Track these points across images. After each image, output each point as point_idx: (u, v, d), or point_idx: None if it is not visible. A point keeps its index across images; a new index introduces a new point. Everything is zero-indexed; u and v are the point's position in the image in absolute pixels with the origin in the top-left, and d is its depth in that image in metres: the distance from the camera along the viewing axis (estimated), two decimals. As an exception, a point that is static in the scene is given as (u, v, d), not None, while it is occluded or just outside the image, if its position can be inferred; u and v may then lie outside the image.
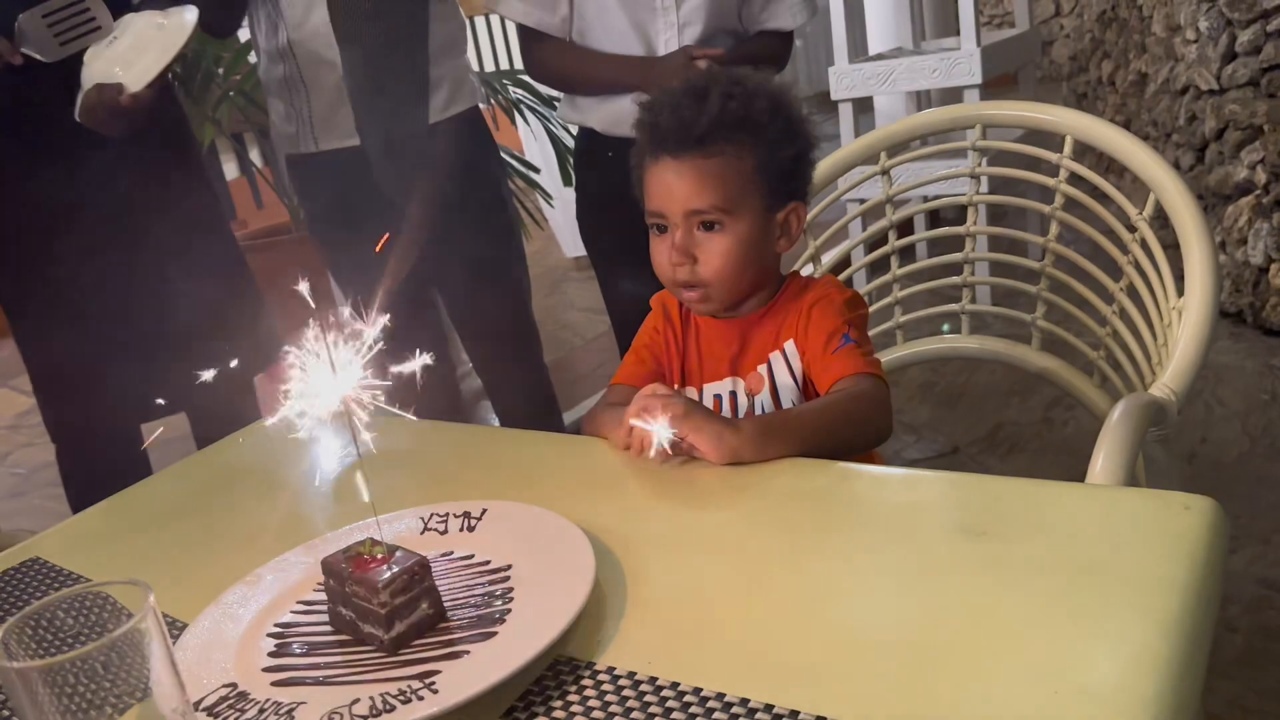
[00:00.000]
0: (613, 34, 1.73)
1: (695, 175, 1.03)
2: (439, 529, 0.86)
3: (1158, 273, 1.25)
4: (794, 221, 1.08)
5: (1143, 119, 3.55)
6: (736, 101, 1.03)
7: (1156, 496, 0.74)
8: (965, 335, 1.49)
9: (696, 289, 1.07)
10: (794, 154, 1.07)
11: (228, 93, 2.73)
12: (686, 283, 1.06)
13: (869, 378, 1.00)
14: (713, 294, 1.07)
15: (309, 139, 1.94)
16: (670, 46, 1.71)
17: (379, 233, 1.90)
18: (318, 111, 1.91)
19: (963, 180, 1.44)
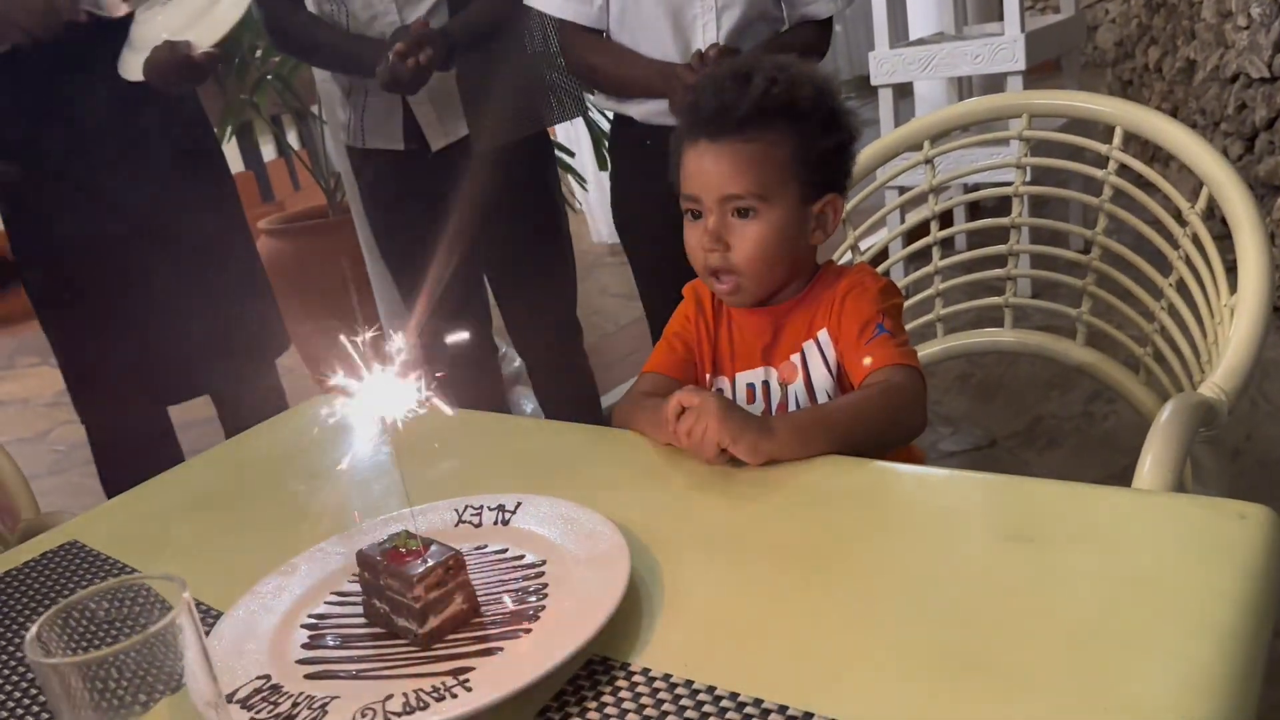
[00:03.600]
0: (648, 22, 1.72)
1: (732, 159, 1.02)
2: (473, 522, 0.85)
3: (1209, 268, 1.21)
4: (830, 214, 1.06)
5: (1190, 107, 3.47)
6: (780, 87, 1.01)
7: (1209, 504, 0.72)
8: (1007, 329, 1.46)
9: (728, 279, 1.05)
10: (834, 145, 1.04)
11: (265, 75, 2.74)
12: (717, 269, 1.05)
13: (904, 369, 0.98)
14: (744, 284, 1.05)
15: (359, 136, 1.97)
16: (708, 34, 1.69)
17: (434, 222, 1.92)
18: (371, 113, 1.94)
19: (1006, 171, 1.40)
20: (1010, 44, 2.95)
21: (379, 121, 1.94)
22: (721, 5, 1.69)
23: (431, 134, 1.93)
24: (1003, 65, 2.99)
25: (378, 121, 1.95)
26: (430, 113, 1.91)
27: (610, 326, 3.65)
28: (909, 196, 1.51)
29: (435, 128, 1.92)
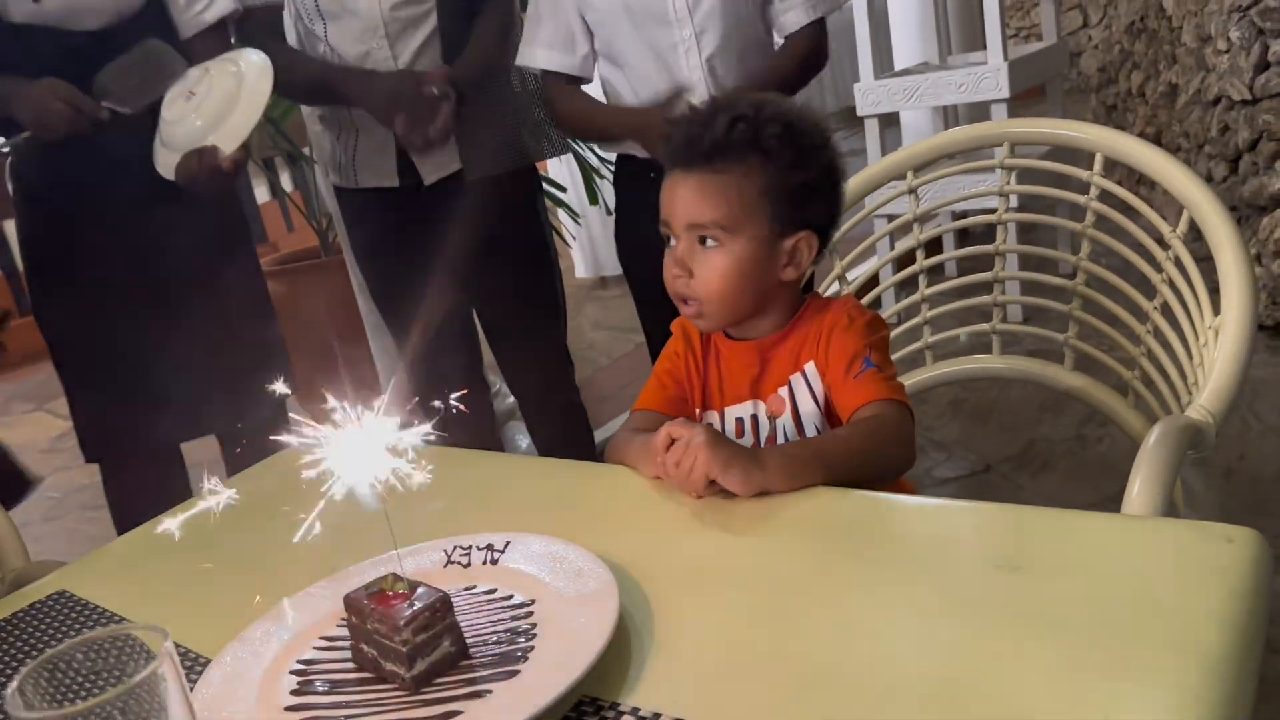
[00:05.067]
0: (633, 59, 1.74)
1: (699, 189, 1.03)
2: (462, 562, 0.85)
3: (1192, 290, 1.22)
4: (804, 250, 1.07)
5: (1174, 130, 3.51)
6: (745, 124, 1.02)
7: (1196, 528, 0.72)
8: (996, 355, 1.47)
9: (692, 304, 1.07)
10: (806, 181, 1.05)
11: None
12: (683, 295, 1.06)
13: (892, 405, 0.98)
14: (706, 310, 1.06)
15: (350, 175, 1.98)
16: (691, 59, 1.71)
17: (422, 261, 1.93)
18: (363, 152, 1.96)
19: (991, 198, 1.41)
20: (994, 73, 2.99)
21: (371, 159, 1.95)
22: (700, 29, 1.71)
23: (424, 168, 1.94)
24: (987, 94, 3.02)
25: (370, 159, 1.96)
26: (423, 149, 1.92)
27: (603, 360, 3.66)
28: (895, 225, 1.52)
29: (428, 161, 1.93)
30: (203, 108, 1.68)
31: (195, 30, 1.85)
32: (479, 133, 1.89)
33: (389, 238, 2.01)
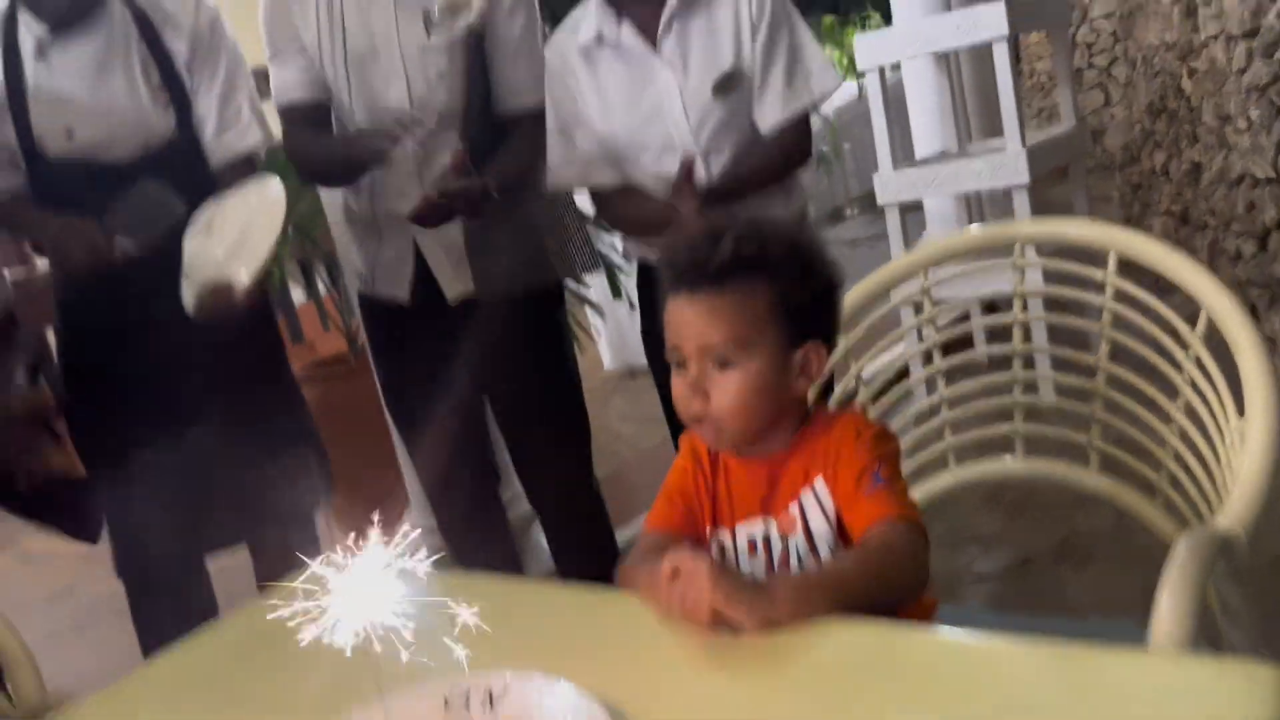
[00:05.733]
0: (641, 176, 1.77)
1: (708, 311, 1.03)
2: (461, 704, 0.83)
3: (1216, 391, 1.19)
4: (814, 361, 1.06)
5: (1200, 208, 3.48)
6: (751, 242, 1.03)
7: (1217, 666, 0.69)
8: (1019, 456, 1.44)
9: (709, 426, 1.05)
10: (812, 293, 1.06)
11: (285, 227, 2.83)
12: (698, 418, 1.05)
13: (903, 525, 0.96)
14: (724, 430, 1.05)
15: (369, 281, 2.00)
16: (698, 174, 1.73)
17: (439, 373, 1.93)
18: (384, 260, 1.97)
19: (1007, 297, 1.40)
20: (1012, 159, 2.99)
21: (389, 269, 1.97)
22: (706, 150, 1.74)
23: (446, 283, 1.94)
24: (1006, 180, 3.03)
25: (388, 269, 1.97)
26: (444, 261, 1.93)
27: (629, 453, 3.63)
28: (909, 328, 1.50)
29: (449, 277, 1.94)
30: (215, 238, 1.72)
31: (226, 159, 1.91)
32: (498, 252, 1.90)
33: (406, 347, 2.02)
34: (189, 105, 1.88)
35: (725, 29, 1.75)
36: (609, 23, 1.75)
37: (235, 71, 1.92)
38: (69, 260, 1.81)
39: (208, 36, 1.89)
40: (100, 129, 1.81)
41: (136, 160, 1.84)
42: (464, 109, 1.83)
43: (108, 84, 1.81)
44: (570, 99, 1.82)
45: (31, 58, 1.79)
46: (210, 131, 1.90)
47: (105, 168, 1.83)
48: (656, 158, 1.79)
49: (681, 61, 1.75)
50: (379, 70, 1.84)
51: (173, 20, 1.87)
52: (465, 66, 1.83)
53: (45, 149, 1.82)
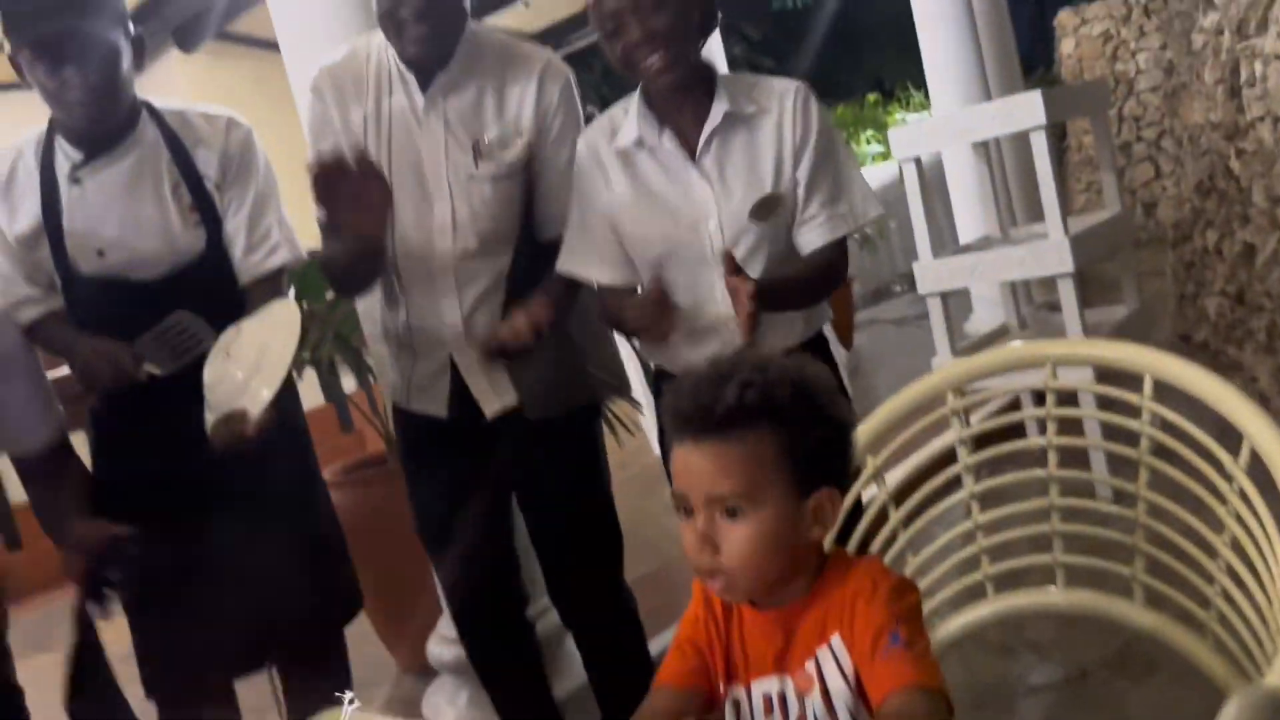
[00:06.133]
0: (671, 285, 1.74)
1: (715, 460, 1.00)
2: None
3: (1262, 527, 1.12)
4: (828, 508, 1.02)
5: (1255, 290, 3.38)
6: (755, 390, 1.00)
7: None
8: (1060, 587, 1.37)
9: (719, 578, 1.01)
10: (822, 438, 1.02)
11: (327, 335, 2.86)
12: (709, 570, 1.01)
13: (922, 694, 0.91)
14: (736, 584, 1.01)
15: (404, 396, 2.00)
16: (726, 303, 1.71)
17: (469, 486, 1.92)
18: (419, 377, 1.96)
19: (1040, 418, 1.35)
20: (1055, 248, 2.94)
21: (425, 386, 1.97)
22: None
23: (483, 400, 1.93)
24: (1050, 269, 2.97)
25: (424, 386, 1.97)
26: (481, 379, 1.92)
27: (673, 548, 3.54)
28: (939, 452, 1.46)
29: (487, 394, 1.92)
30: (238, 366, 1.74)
31: (254, 277, 1.93)
32: (543, 371, 1.88)
33: (437, 460, 2.01)
34: (219, 223, 1.91)
35: (767, 151, 1.73)
36: (650, 130, 1.74)
37: (266, 191, 1.95)
38: (96, 381, 1.84)
39: (239, 156, 1.92)
40: (131, 249, 1.85)
41: (166, 278, 1.87)
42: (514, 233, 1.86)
43: (139, 205, 1.85)
44: (597, 196, 1.80)
45: (66, 182, 1.84)
46: (239, 250, 1.92)
47: (135, 285, 1.86)
48: (688, 268, 1.77)
49: (720, 177, 1.73)
50: (424, 195, 1.86)
51: (204, 141, 1.90)
52: (511, 194, 1.86)
53: (78, 269, 1.86)
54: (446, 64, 1.80)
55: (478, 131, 1.83)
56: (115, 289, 1.86)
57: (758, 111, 1.73)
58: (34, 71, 1.75)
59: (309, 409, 3.72)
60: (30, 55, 1.73)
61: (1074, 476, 1.38)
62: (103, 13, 1.76)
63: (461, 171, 1.83)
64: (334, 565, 2.07)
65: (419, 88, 1.82)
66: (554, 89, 1.86)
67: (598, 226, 1.81)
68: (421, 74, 1.81)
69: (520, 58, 1.88)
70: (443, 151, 1.83)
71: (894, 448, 1.45)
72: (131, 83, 1.85)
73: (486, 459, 1.93)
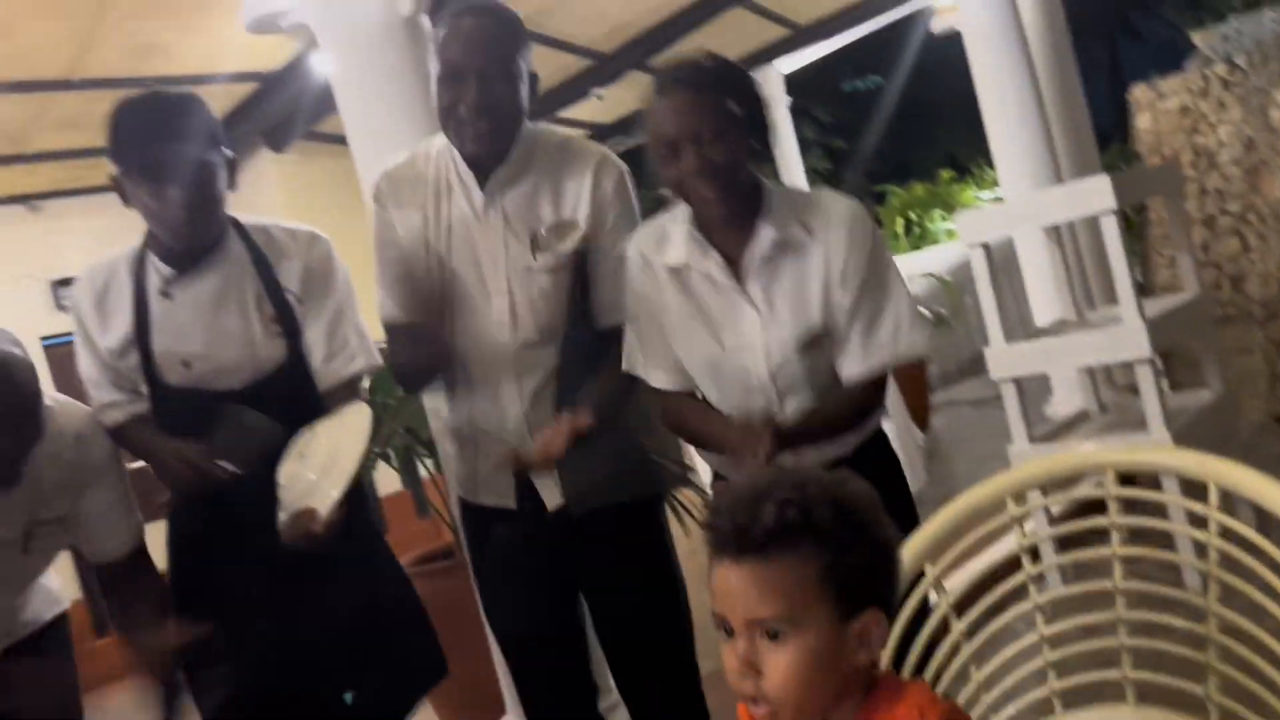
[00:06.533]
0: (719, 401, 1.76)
1: (755, 582, 0.98)
2: None
3: (1344, 649, 1.07)
4: (874, 631, 1.00)
5: (1351, 372, 3.25)
6: (795, 509, 0.98)
7: None
8: (1130, 705, 1.31)
9: (763, 706, 0.99)
10: (865, 559, 1.00)
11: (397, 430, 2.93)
12: (751, 695, 0.99)
13: None
14: (780, 710, 0.98)
15: (471, 489, 2.03)
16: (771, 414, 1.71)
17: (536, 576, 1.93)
18: (484, 470, 1.99)
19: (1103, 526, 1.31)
20: (1131, 333, 2.86)
21: (490, 480, 1.99)
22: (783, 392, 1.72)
23: (545, 493, 1.94)
24: (1126, 354, 2.89)
25: (489, 480, 1.99)
26: (544, 472, 1.93)
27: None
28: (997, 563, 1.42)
29: (549, 487, 1.93)
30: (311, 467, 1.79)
31: (332, 384, 1.99)
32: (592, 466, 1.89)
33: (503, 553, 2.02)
34: (299, 333, 1.99)
35: (815, 278, 1.71)
36: (698, 254, 1.74)
37: (344, 301, 2.02)
38: (177, 482, 1.91)
39: (320, 270, 2.00)
40: (215, 360, 1.93)
41: (247, 385, 1.95)
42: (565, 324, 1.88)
43: (224, 318, 1.93)
44: (649, 303, 1.82)
45: (156, 295, 1.94)
46: (318, 358, 1.98)
47: (218, 393, 1.94)
48: (730, 388, 1.77)
49: (767, 302, 1.72)
50: (483, 289, 1.90)
51: (287, 255, 1.99)
52: (568, 284, 1.88)
53: (165, 379, 1.94)
54: (504, 160, 1.85)
55: (535, 224, 1.87)
56: (199, 397, 1.93)
57: (806, 236, 1.71)
58: (138, 193, 1.85)
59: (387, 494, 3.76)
60: (136, 178, 1.84)
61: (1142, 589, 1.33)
62: (202, 136, 1.87)
63: (519, 264, 1.87)
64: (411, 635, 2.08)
65: (477, 185, 1.87)
66: (609, 182, 1.90)
67: (651, 331, 1.82)
68: (480, 171, 1.86)
69: (575, 153, 1.92)
70: (501, 246, 1.88)
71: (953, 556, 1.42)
72: (226, 200, 1.95)
73: (552, 550, 1.93)
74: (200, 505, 1.97)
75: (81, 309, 1.97)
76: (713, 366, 1.76)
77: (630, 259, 1.84)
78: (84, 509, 1.87)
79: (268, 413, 1.89)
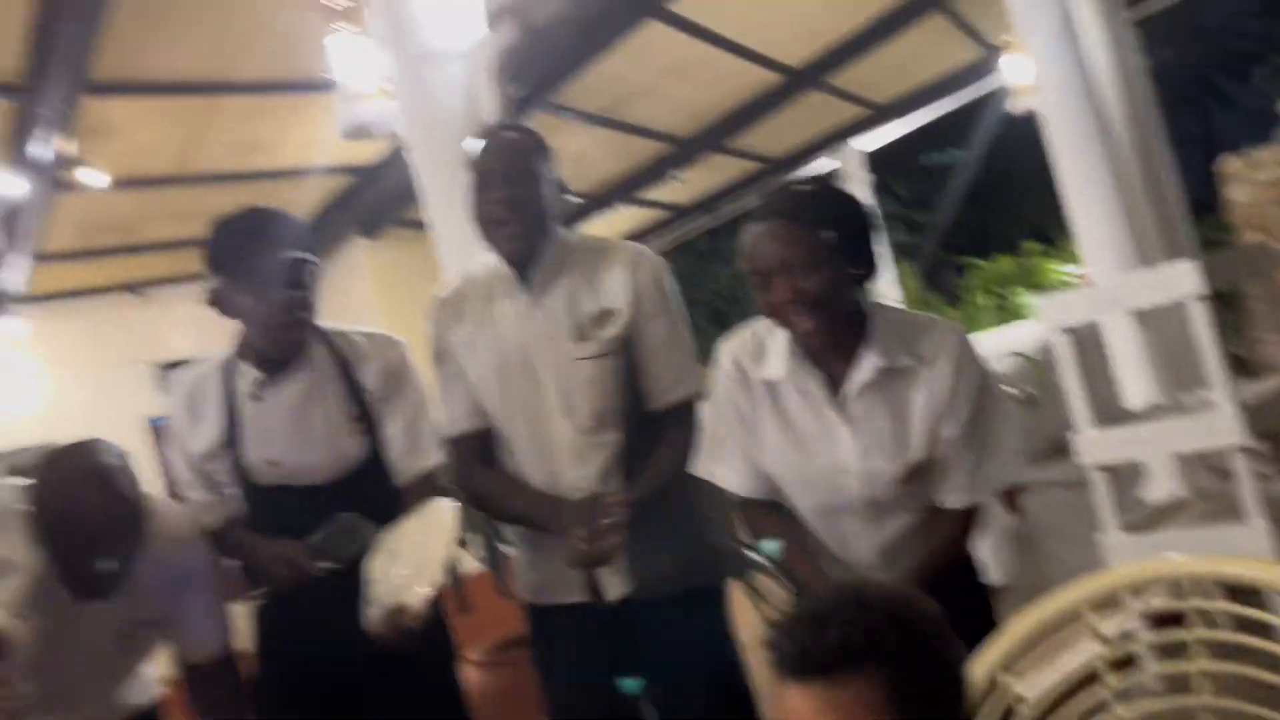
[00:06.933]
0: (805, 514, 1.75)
1: (818, 705, 0.98)
2: None
3: None
4: None
5: None
6: (857, 629, 0.99)
7: None
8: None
9: None
10: (932, 680, 0.99)
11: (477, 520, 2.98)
12: None
13: None
14: None
15: (544, 593, 2.06)
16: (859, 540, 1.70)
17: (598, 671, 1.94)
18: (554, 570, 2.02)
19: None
20: (1224, 420, 2.76)
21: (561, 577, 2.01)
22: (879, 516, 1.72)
23: (608, 583, 1.97)
24: (1219, 440, 2.78)
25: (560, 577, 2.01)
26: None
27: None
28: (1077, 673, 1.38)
29: (611, 577, 1.97)
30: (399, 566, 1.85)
31: (410, 478, 2.07)
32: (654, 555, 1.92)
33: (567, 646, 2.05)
34: (377, 430, 2.07)
35: (918, 409, 1.68)
36: (798, 370, 1.73)
37: (418, 399, 2.12)
38: (276, 581, 1.98)
39: (396, 371, 2.10)
40: (301, 459, 2.02)
41: (330, 482, 2.03)
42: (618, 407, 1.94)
43: (309, 419, 2.03)
44: (736, 411, 1.82)
45: (246, 399, 2.04)
46: (397, 454, 2.08)
47: (303, 490, 2.02)
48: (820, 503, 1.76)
49: (867, 430, 1.69)
50: (534, 383, 1.97)
51: (365, 357, 2.10)
52: (615, 369, 1.94)
53: (254, 479, 2.03)
54: (541, 259, 1.95)
55: (578, 316, 1.95)
56: (285, 494, 2.03)
57: (914, 365, 1.67)
58: (241, 301, 1.97)
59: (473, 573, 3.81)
60: (240, 285, 1.96)
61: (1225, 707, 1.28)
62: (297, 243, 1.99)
63: (566, 354, 1.94)
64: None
65: (520, 285, 1.97)
66: (646, 271, 1.98)
67: (734, 439, 1.83)
68: (520, 271, 1.97)
69: (612, 250, 2.02)
70: (547, 338, 1.95)
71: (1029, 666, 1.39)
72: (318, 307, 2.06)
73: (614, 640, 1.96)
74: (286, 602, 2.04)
75: (174, 414, 2.09)
76: (804, 482, 1.76)
77: (722, 366, 1.84)
78: (180, 611, 1.95)
79: (349, 505, 1.97)
